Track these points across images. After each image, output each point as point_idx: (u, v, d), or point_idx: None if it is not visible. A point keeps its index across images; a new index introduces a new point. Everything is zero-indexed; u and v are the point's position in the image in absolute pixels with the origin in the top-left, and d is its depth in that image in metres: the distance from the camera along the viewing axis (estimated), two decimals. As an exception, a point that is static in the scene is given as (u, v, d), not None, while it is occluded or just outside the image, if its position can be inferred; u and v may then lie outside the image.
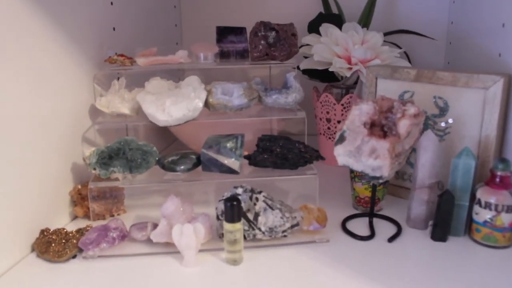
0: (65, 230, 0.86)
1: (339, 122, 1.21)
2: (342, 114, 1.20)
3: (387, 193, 1.02)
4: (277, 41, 1.00)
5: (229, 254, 0.79)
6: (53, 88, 0.88)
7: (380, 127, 0.85)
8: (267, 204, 0.82)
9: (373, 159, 0.82)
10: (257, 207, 0.82)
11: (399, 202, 1.02)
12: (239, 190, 0.83)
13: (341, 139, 0.85)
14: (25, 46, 0.80)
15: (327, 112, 1.22)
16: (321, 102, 1.22)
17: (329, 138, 1.25)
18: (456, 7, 1.33)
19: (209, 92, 0.94)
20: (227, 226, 0.77)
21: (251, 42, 1.01)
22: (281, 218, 0.82)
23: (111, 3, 1.09)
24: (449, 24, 1.39)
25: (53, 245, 0.82)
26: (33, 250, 0.84)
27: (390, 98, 0.86)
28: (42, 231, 0.85)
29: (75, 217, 0.97)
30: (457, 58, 1.32)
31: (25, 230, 0.83)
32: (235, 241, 0.77)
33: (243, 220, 0.80)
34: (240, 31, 1.06)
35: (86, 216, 0.96)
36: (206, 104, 0.93)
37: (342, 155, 0.85)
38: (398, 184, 1.05)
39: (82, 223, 0.93)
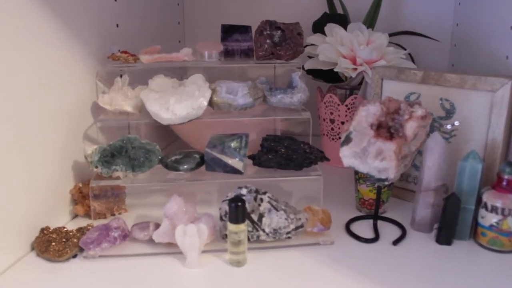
0: (65, 229, 0.85)
1: (343, 123, 1.20)
2: (346, 115, 1.19)
3: (391, 196, 1.01)
4: (282, 40, 0.99)
5: (233, 256, 0.77)
6: (54, 84, 0.87)
7: (386, 129, 0.84)
8: (271, 205, 0.81)
9: (379, 160, 0.81)
10: (261, 208, 0.81)
11: (403, 204, 1.01)
12: (244, 191, 0.82)
13: (347, 140, 0.84)
14: (27, 42, 0.79)
15: (331, 113, 1.21)
16: (325, 103, 1.21)
17: (333, 139, 1.24)
18: (462, 9, 1.32)
19: (213, 91, 0.93)
20: (231, 227, 0.76)
21: (256, 41, 1.00)
22: (286, 219, 0.81)
23: (115, 0, 1.08)
24: (454, 26, 1.38)
25: (53, 244, 0.81)
26: (32, 249, 0.83)
27: (397, 100, 0.85)
28: (42, 230, 0.84)
29: (75, 216, 0.96)
30: (461, 60, 1.31)
31: (25, 228, 0.81)
32: (239, 242, 0.76)
33: (247, 221, 0.79)
34: (245, 29, 1.04)
35: (87, 215, 0.95)
36: (210, 103, 0.92)
37: (348, 156, 0.84)
38: (403, 187, 1.04)
39: (82, 222, 0.92)
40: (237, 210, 0.75)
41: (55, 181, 0.89)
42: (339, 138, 1.21)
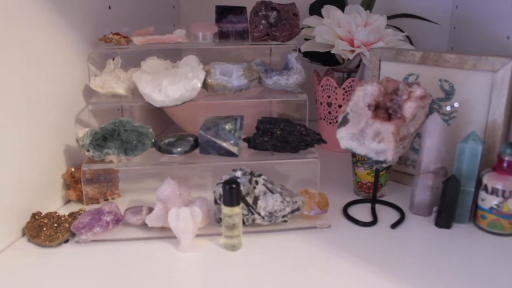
0: (57, 214, 0.84)
1: (340, 106, 1.18)
2: (344, 99, 1.17)
3: (390, 180, 1.00)
4: (278, 21, 0.96)
5: (227, 240, 0.76)
6: (45, 67, 0.85)
7: (384, 109, 0.82)
8: (267, 187, 0.79)
9: (377, 142, 0.79)
10: (256, 191, 0.79)
11: (402, 188, 1.00)
12: (238, 173, 0.80)
13: (344, 121, 0.82)
14: (16, 24, 0.76)
15: (328, 96, 1.19)
16: (322, 86, 1.19)
17: (330, 123, 1.22)
18: (461, -9, 1.30)
19: (207, 73, 0.90)
20: (226, 210, 0.74)
21: (252, 22, 0.98)
22: (282, 202, 0.79)
23: (107, -19, 1.06)
24: (454, 9, 1.36)
25: (44, 229, 0.80)
26: (23, 234, 0.81)
27: (396, 80, 0.83)
28: (34, 215, 0.82)
29: (68, 201, 0.94)
30: (461, 43, 1.29)
31: (16, 213, 0.80)
32: (234, 226, 0.74)
33: (242, 204, 0.77)
34: (240, 10, 1.02)
35: (79, 199, 0.93)
36: (205, 85, 0.90)
37: (345, 138, 0.83)
38: (401, 170, 1.02)
39: (75, 207, 0.91)
40: (232, 193, 0.73)
41: (47, 165, 0.87)
42: (337, 122, 1.19)
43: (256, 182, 0.80)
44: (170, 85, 0.86)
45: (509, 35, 0.95)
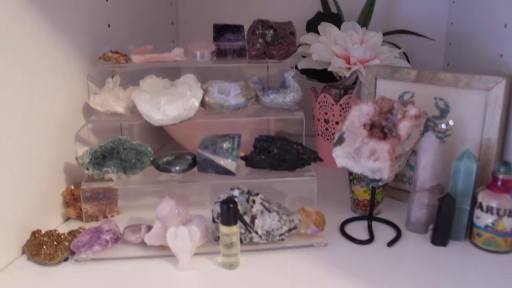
0: (57, 232, 0.84)
1: (337, 123, 1.19)
2: (341, 115, 1.18)
3: (386, 196, 1.01)
4: (275, 40, 0.98)
5: (225, 258, 0.77)
6: (45, 85, 0.86)
7: (380, 128, 0.83)
8: (264, 206, 0.80)
9: (372, 161, 0.80)
10: (254, 210, 0.80)
11: (398, 205, 1.01)
12: (236, 192, 0.81)
13: (340, 140, 0.83)
14: (17, 42, 0.78)
15: (325, 113, 1.20)
16: (319, 103, 1.20)
17: (327, 139, 1.23)
18: (456, 8, 1.31)
19: (205, 91, 0.92)
20: (223, 229, 0.75)
21: (249, 40, 0.99)
22: (279, 221, 0.80)
23: (106, 0, 1.07)
24: (449, 25, 1.37)
25: (44, 247, 0.80)
26: (23, 252, 0.82)
27: (391, 99, 0.84)
28: (34, 233, 0.83)
29: (67, 219, 0.95)
30: (456, 59, 1.30)
31: (16, 231, 0.80)
32: (231, 245, 0.75)
33: (239, 223, 0.78)
34: (237, 29, 1.04)
35: (79, 217, 0.94)
36: (202, 103, 0.91)
37: (341, 156, 0.84)
38: (397, 187, 1.03)
39: (74, 225, 0.91)
40: (229, 212, 0.74)
41: (46, 183, 0.88)
42: (334, 138, 1.20)
43: (254, 201, 0.80)
44: (169, 104, 0.87)
45: (502, 53, 0.96)
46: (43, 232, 0.84)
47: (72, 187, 0.93)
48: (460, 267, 0.78)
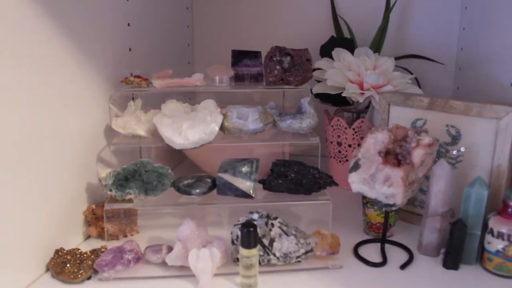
0: (79, 251, 0.87)
1: (350, 146, 1.22)
2: (353, 138, 1.21)
3: (398, 219, 1.03)
4: (292, 66, 1.01)
5: (244, 279, 0.79)
6: (69, 107, 0.90)
7: (394, 155, 0.86)
8: (282, 230, 0.83)
9: (387, 187, 0.83)
10: (272, 233, 0.83)
11: (409, 228, 1.03)
12: (255, 216, 0.84)
13: (356, 166, 0.86)
14: (42, 64, 0.81)
15: (338, 136, 1.23)
16: (332, 126, 1.23)
17: (340, 161, 1.26)
18: (466, 34, 1.35)
19: (224, 116, 0.95)
20: (243, 251, 0.77)
21: (266, 66, 1.03)
22: (296, 244, 0.83)
23: (128, 24, 1.11)
24: (459, 50, 1.41)
25: (68, 265, 0.83)
26: (47, 270, 0.85)
27: (405, 127, 0.87)
28: (57, 251, 0.86)
29: (88, 237, 0.98)
30: (466, 83, 1.33)
31: (40, 249, 0.83)
32: (251, 266, 0.78)
33: (258, 246, 0.80)
34: (255, 55, 1.07)
35: (100, 236, 0.97)
36: (222, 127, 0.94)
37: (356, 182, 0.86)
38: (409, 210, 1.06)
39: (95, 243, 0.94)
40: (249, 235, 0.77)
41: (69, 202, 0.91)
42: (346, 160, 1.23)
43: (272, 225, 0.83)
44: (190, 129, 0.91)
45: (512, 82, 0.99)
46: (66, 250, 0.87)
47: (94, 207, 0.96)
48: (471, 291, 0.80)
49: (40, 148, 0.82)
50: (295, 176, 0.91)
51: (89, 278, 0.83)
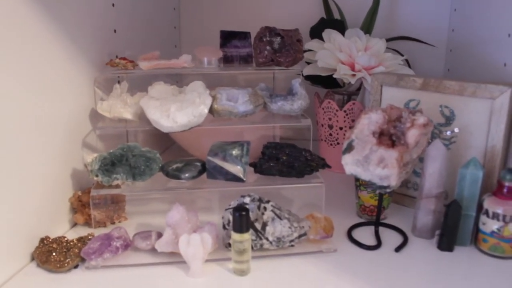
0: (65, 239, 0.84)
1: (341, 128, 1.20)
2: (345, 121, 1.19)
3: (391, 202, 1.02)
4: (282, 47, 0.98)
5: (237, 264, 0.77)
6: (52, 91, 0.86)
7: (388, 136, 0.84)
8: (275, 213, 0.81)
9: (381, 168, 0.82)
10: (265, 217, 0.81)
11: (403, 210, 1.02)
12: (247, 199, 0.81)
13: (349, 148, 0.84)
14: (24, 48, 0.78)
15: (329, 119, 1.21)
16: (323, 109, 1.21)
17: (331, 144, 1.24)
18: (457, 15, 1.33)
19: (214, 98, 0.92)
20: (235, 236, 0.75)
21: (256, 47, 1.00)
22: (289, 228, 0.81)
23: (113, 5, 1.07)
24: (450, 32, 1.39)
25: (54, 254, 0.80)
26: (32, 259, 0.82)
27: (399, 107, 0.85)
28: (42, 240, 0.83)
29: (74, 224, 0.95)
30: (457, 65, 1.32)
31: (24, 238, 0.80)
32: (243, 251, 0.76)
33: (251, 230, 0.78)
34: (244, 35, 1.04)
35: (86, 223, 0.94)
36: (211, 110, 0.92)
37: (350, 164, 0.85)
38: (402, 192, 1.04)
39: (82, 231, 0.91)
40: (241, 220, 0.75)
41: (54, 189, 0.88)
42: (338, 143, 1.22)
43: (265, 208, 0.81)
44: (178, 111, 0.88)
45: (506, 62, 0.98)
46: (51, 238, 0.84)
47: (80, 193, 0.93)
48: (466, 272, 0.79)
49: (23, 134, 0.79)
50: (287, 159, 0.88)
51: (76, 266, 0.80)
